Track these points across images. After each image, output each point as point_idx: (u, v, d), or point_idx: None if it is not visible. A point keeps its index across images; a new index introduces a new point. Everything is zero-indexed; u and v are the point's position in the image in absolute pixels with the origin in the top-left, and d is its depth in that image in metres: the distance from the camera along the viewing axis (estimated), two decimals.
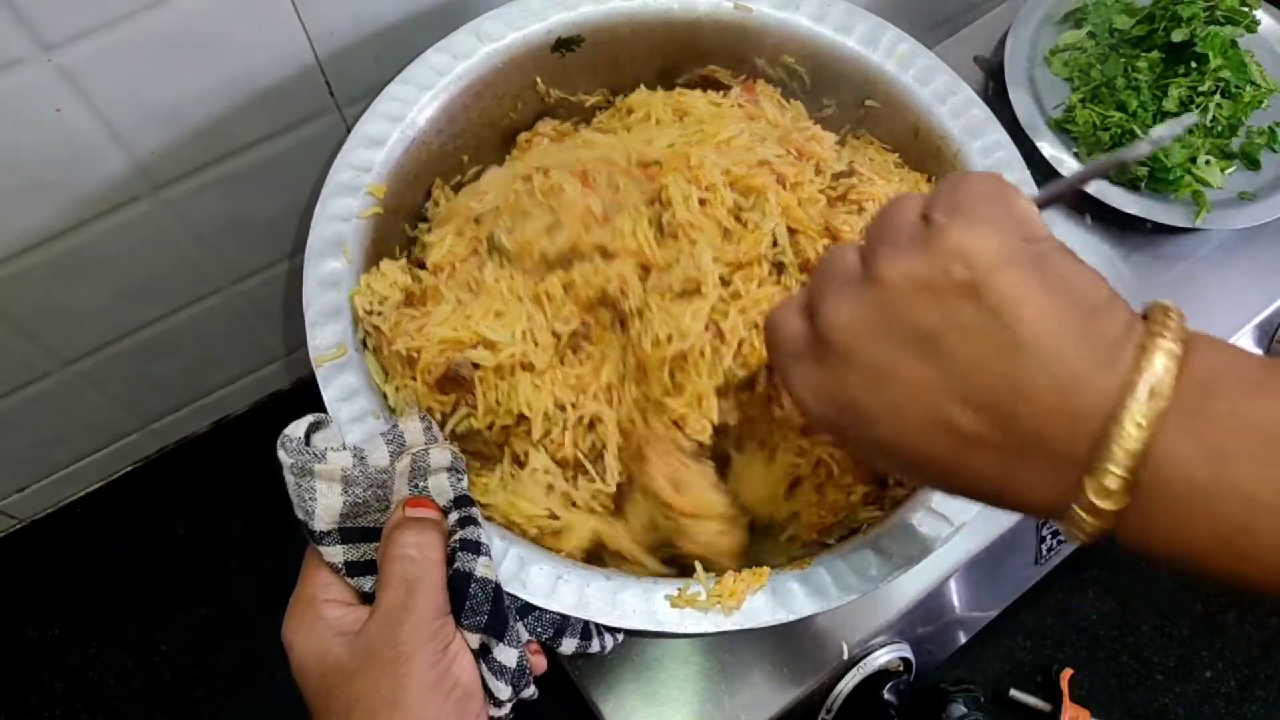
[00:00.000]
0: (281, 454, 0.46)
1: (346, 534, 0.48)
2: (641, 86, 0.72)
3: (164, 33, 0.57)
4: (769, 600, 0.52)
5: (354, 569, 0.48)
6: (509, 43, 0.68)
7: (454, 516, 0.49)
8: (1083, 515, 0.34)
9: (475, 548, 0.48)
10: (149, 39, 0.57)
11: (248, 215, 0.73)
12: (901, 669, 0.72)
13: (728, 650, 0.67)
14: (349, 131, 0.64)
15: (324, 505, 0.47)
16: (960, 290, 0.35)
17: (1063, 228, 0.84)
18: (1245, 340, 0.82)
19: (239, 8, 0.58)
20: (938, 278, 0.35)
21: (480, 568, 0.47)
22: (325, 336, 0.57)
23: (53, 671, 0.82)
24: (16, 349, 0.70)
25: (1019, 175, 0.66)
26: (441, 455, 0.50)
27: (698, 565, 0.57)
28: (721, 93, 0.71)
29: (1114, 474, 0.32)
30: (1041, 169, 0.81)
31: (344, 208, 0.61)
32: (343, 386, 0.56)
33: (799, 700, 0.67)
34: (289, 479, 0.47)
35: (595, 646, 0.53)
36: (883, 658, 0.70)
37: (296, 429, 0.47)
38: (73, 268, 0.67)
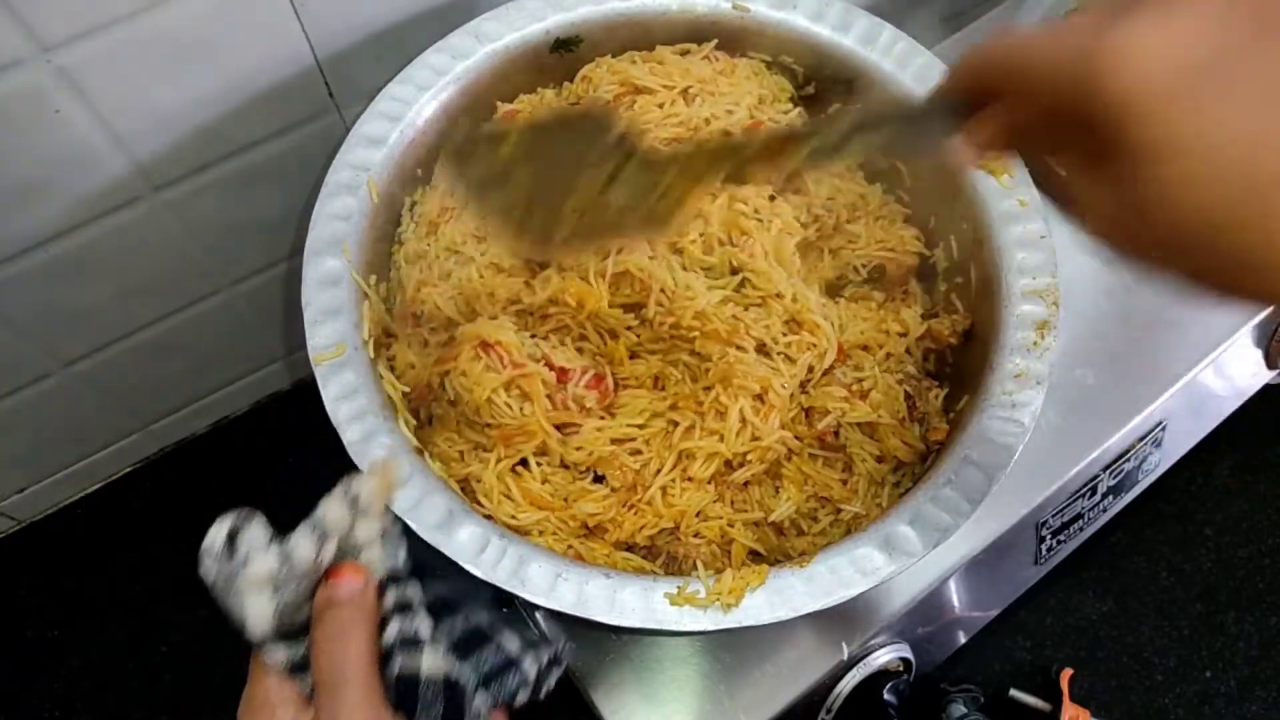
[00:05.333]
0: (203, 573, 0.43)
1: (283, 632, 0.45)
2: (596, 60, 0.71)
3: (163, 34, 0.57)
4: (768, 598, 0.52)
5: (296, 668, 0.45)
6: (507, 43, 0.68)
7: (390, 600, 0.46)
8: None
9: (415, 643, 0.45)
10: (148, 40, 0.57)
11: (247, 215, 0.73)
12: (901, 669, 0.72)
13: (728, 650, 0.67)
14: (348, 132, 0.64)
15: (255, 613, 0.44)
16: None
17: (1062, 228, 0.84)
18: (1245, 340, 0.82)
19: (238, 9, 0.58)
20: None
21: (425, 664, 0.44)
22: (324, 335, 0.57)
23: (53, 671, 0.82)
24: (17, 349, 0.70)
25: (1017, 174, 0.66)
26: (369, 528, 0.46)
27: (699, 564, 0.57)
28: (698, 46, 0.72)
29: None
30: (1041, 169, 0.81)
31: (343, 207, 0.62)
32: (342, 385, 0.56)
33: (799, 700, 0.67)
34: (217, 597, 0.44)
35: (542, 694, 0.50)
36: (883, 658, 0.70)
37: (216, 537, 0.44)
38: (73, 268, 0.67)
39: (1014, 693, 0.85)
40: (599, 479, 0.59)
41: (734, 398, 0.59)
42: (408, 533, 0.52)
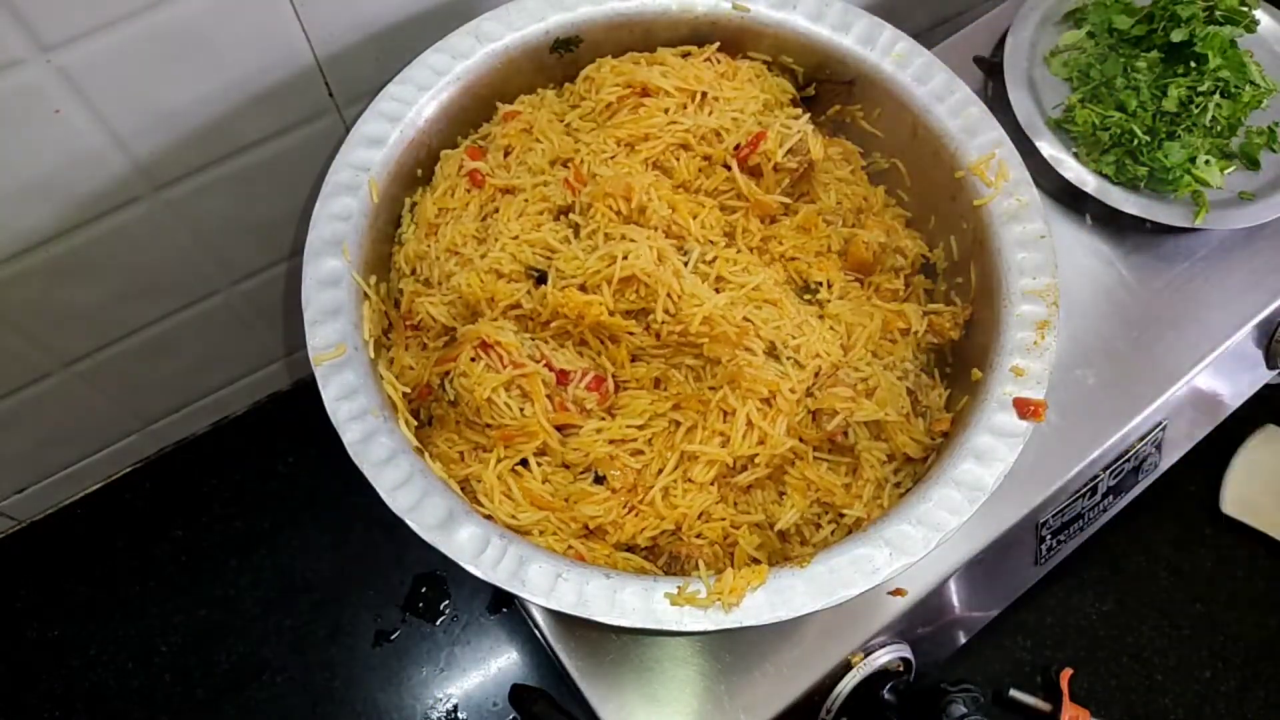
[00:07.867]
0: None
1: None
2: (597, 60, 0.71)
3: (163, 34, 0.57)
4: (769, 598, 0.52)
5: None
6: (507, 43, 0.68)
7: None
8: None
9: None
10: (148, 40, 0.57)
11: (247, 215, 0.73)
12: (901, 669, 0.72)
13: (728, 650, 0.67)
14: (348, 131, 0.64)
15: None
16: None
17: (1062, 228, 0.84)
18: (1245, 340, 0.82)
19: (238, 9, 0.58)
20: None
21: None
22: (324, 335, 0.57)
23: (53, 672, 0.82)
24: (17, 350, 0.70)
25: (1017, 174, 0.66)
26: None
27: (700, 564, 0.57)
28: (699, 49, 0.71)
29: None
30: (1041, 169, 0.81)
31: (343, 207, 0.62)
32: (342, 385, 0.56)
33: (799, 700, 0.67)
34: None
35: None
36: (883, 658, 0.70)
37: None
38: (73, 268, 0.67)
39: (1014, 693, 0.85)
40: (600, 479, 0.59)
41: (742, 400, 0.59)
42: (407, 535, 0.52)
